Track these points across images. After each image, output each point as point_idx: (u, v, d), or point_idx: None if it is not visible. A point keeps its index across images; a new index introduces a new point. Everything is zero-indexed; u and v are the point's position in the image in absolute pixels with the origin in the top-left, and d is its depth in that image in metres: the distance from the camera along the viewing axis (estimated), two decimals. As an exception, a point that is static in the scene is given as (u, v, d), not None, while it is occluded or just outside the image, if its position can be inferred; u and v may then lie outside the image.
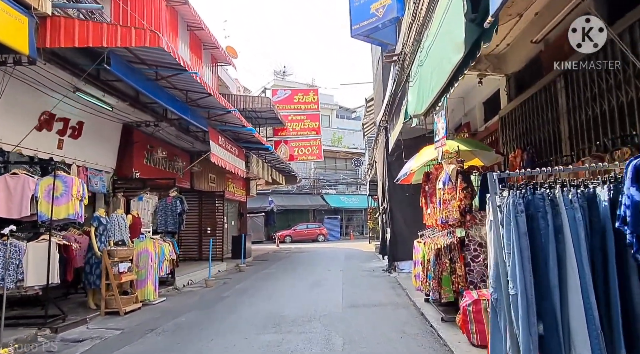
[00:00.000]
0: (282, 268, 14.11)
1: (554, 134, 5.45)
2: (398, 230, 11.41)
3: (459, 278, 5.22)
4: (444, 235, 5.76)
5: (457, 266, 5.26)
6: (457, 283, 5.23)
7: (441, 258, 5.41)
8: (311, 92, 22.63)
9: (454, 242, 5.37)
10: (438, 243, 5.51)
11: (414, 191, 10.96)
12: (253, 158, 15.00)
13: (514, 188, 2.65)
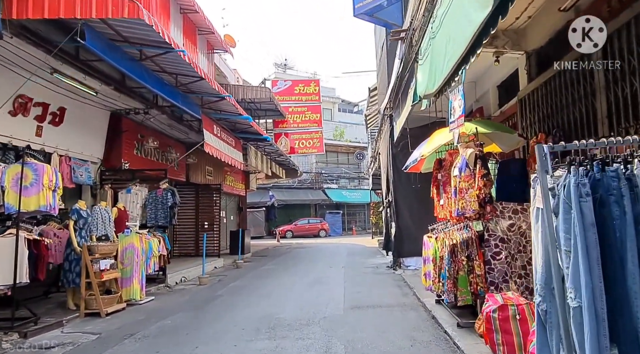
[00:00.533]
0: (281, 264, 13.48)
1: (587, 114, 4.75)
2: (403, 224, 10.73)
3: (477, 279, 4.55)
4: (459, 229, 5.08)
5: (476, 265, 4.59)
6: (475, 283, 4.56)
7: (457, 256, 4.73)
8: (312, 83, 21.90)
9: (471, 237, 4.69)
10: (453, 239, 4.84)
11: (420, 183, 10.29)
12: (251, 149, 14.32)
13: (575, 163, 1.97)
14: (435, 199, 5.90)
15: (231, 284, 9.57)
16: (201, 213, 14.73)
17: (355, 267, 11.93)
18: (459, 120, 4.51)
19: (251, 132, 12.95)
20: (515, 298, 3.82)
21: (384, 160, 12.45)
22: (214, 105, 10.38)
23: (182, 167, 13.40)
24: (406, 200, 10.78)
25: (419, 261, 10.70)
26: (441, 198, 5.53)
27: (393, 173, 10.93)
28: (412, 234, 10.63)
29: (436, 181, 5.75)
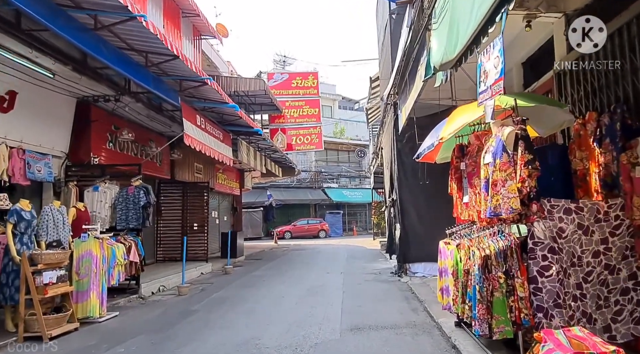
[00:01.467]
0: (274, 269, 12.25)
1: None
2: (410, 225, 9.50)
3: (520, 303, 3.33)
4: (492, 235, 3.85)
5: (518, 284, 3.36)
6: (517, 309, 3.33)
7: (491, 271, 3.50)
8: (310, 76, 20.66)
9: (510, 246, 3.46)
10: (486, 248, 3.59)
11: (429, 178, 9.05)
12: (242, 144, 13.09)
13: None
14: (455, 196, 4.68)
15: (214, 294, 8.35)
16: (189, 214, 13.49)
17: (356, 273, 10.70)
18: (494, 86, 3.28)
19: (241, 124, 11.73)
20: (588, 338, 2.58)
21: (387, 154, 11.21)
22: (196, 92, 9.16)
23: (167, 163, 12.19)
24: (413, 198, 9.54)
25: (427, 267, 9.48)
26: (464, 194, 4.30)
27: (398, 169, 9.69)
28: (419, 236, 9.41)
29: (457, 172, 4.52)
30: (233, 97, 18.34)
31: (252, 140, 14.15)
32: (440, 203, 9.72)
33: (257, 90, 17.37)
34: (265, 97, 18.25)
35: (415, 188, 9.47)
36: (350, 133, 34.35)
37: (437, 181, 9.61)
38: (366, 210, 33.54)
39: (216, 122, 11.22)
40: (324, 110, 35.05)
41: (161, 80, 8.01)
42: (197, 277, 10.90)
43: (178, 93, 8.60)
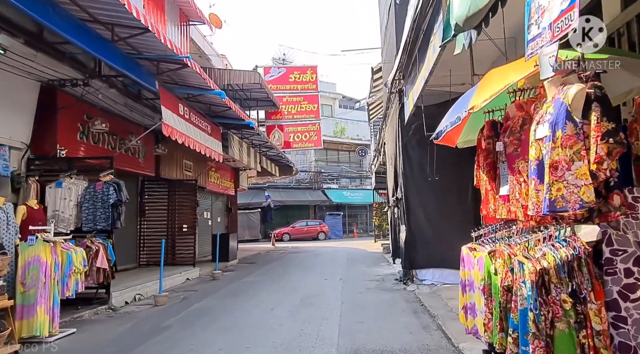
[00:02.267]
0: (268, 275, 11.18)
1: None
2: (417, 227, 8.43)
3: (596, 339, 2.26)
4: (546, 240, 2.77)
5: (591, 311, 2.29)
6: (592, 349, 2.27)
7: (550, 292, 2.43)
8: (309, 70, 19.62)
9: (579, 256, 2.39)
10: (542, 258, 2.51)
11: (439, 174, 8.00)
12: (234, 139, 12.05)
13: None
14: (485, 188, 3.61)
15: (194, 305, 7.29)
16: (177, 214, 12.42)
17: (356, 279, 9.63)
18: (558, 23, 2.22)
19: (230, 116, 10.69)
20: None
21: (391, 149, 10.15)
22: (177, 77, 8.13)
23: (151, 159, 11.14)
24: (420, 196, 8.48)
25: (436, 274, 8.40)
26: (501, 184, 3.24)
27: (403, 164, 8.64)
28: (427, 239, 8.35)
29: (488, 157, 3.46)
30: (227, 92, 17.31)
31: (245, 135, 13.11)
32: (451, 201, 8.69)
33: (252, 84, 16.34)
34: (261, 91, 17.23)
35: (423, 185, 8.42)
36: (350, 132, 33.30)
37: (448, 176, 8.58)
38: (367, 212, 32.48)
39: (204, 114, 10.19)
40: (324, 110, 34.05)
41: (133, 60, 6.96)
42: (182, 283, 9.84)
43: (155, 77, 7.56)
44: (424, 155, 8.35)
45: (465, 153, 8.66)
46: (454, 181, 8.38)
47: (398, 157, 9.04)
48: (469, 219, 8.38)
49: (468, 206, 8.34)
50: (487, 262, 3.29)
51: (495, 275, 3.13)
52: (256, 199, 28.10)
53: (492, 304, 3.18)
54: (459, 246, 7.93)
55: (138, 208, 11.23)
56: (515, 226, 3.17)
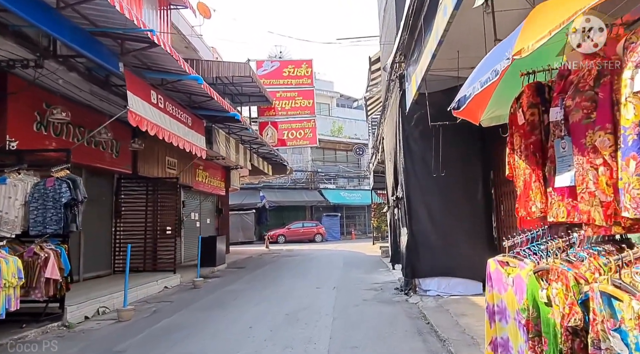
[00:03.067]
0: (255, 282, 10.13)
1: None
2: (420, 230, 7.39)
3: None
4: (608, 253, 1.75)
5: None
6: None
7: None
8: (304, 64, 18.58)
9: None
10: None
11: (446, 169, 6.97)
12: (220, 134, 11.02)
13: None
14: (525, 178, 2.56)
15: (163, 321, 6.24)
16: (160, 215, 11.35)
17: (352, 288, 8.59)
18: None
19: (213, 107, 9.66)
20: None
21: (391, 143, 9.12)
22: (146, 58, 7.09)
23: (127, 154, 10.10)
24: (423, 194, 7.44)
25: (442, 283, 7.35)
26: (556, 171, 2.19)
27: (404, 158, 7.60)
28: (432, 244, 7.32)
29: (532, 134, 2.42)
30: (216, 86, 16.28)
31: (232, 130, 12.08)
32: (459, 199, 7.63)
33: (243, 77, 15.33)
34: (252, 85, 16.21)
35: (427, 182, 7.38)
36: (348, 131, 32.29)
37: (456, 172, 7.51)
38: (365, 213, 31.45)
39: (183, 105, 9.16)
40: (321, 108, 33.06)
41: (90, 36, 5.93)
42: (158, 293, 8.78)
43: (119, 58, 6.52)
44: (427, 148, 7.33)
45: (474, 145, 7.65)
46: (461, 177, 7.36)
47: (398, 152, 8.01)
48: (480, 220, 7.38)
49: (478, 205, 7.32)
50: (531, 285, 2.25)
51: (547, 307, 2.09)
52: (250, 199, 27.06)
53: (541, 349, 2.14)
54: (468, 252, 6.88)
55: (113, 208, 10.18)
56: (578, 233, 2.13)
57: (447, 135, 7.03)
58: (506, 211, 7.08)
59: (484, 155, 7.39)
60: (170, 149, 11.48)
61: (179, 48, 14.10)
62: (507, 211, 7.02)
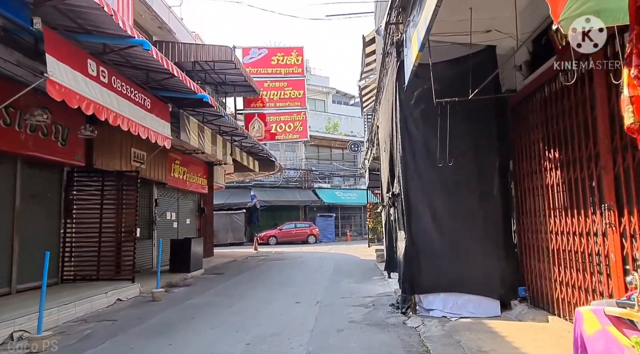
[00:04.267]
0: (227, 293, 8.62)
1: None
2: (421, 234, 5.88)
3: None
4: None
5: None
6: None
7: None
8: (294, 52, 17.05)
9: None
10: None
11: (454, 157, 5.49)
12: (190, 121, 9.50)
13: None
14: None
15: (86, 352, 4.72)
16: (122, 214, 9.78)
17: (339, 304, 7.08)
18: None
19: (178, 88, 8.17)
20: None
21: (386, 129, 7.61)
22: (74, 14, 5.56)
23: (78, 143, 8.58)
24: (425, 190, 5.94)
25: (449, 300, 5.80)
26: None
27: (402, 146, 6.09)
28: (436, 251, 5.82)
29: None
30: (197, 73, 14.78)
31: (208, 119, 10.57)
32: (471, 197, 6.04)
33: (226, 63, 13.85)
34: (236, 73, 14.73)
35: (430, 175, 5.89)
36: (344, 128, 30.81)
37: (466, 162, 5.90)
38: (361, 213, 29.96)
39: (140, 84, 7.65)
40: (316, 104, 31.62)
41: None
42: (106, 308, 7.26)
43: (30, 9, 5.00)
44: (431, 132, 5.85)
45: (490, 127, 6.14)
46: (473, 168, 5.87)
47: (395, 138, 6.50)
48: (496, 222, 5.83)
49: (494, 203, 5.82)
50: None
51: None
52: (241, 199, 25.57)
53: None
54: (481, 261, 5.24)
55: (62, 206, 8.65)
56: None
57: (456, 115, 5.56)
58: (529, 212, 5.59)
59: (502, 141, 5.91)
60: (138, 140, 9.96)
61: (151, 28, 12.60)
62: (531, 212, 5.54)
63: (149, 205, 12.30)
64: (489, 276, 5.62)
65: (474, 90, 5.04)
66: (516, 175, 5.87)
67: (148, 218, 12.25)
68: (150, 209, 12.36)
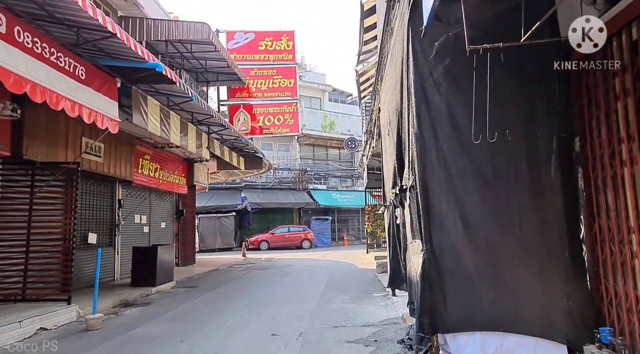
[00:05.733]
0: (188, 317, 6.72)
1: None
2: (446, 244, 3.98)
3: None
4: None
5: None
6: None
7: None
8: (284, 37, 15.19)
9: None
10: None
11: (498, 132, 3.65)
12: (148, 102, 7.63)
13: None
14: None
15: None
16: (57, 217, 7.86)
17: (328, 338, 5.19)
18: None
19: (123, 54, 6.30)
20: None
21: (392, 104, 5.71)
22: None
23: (2, 127, 6.70)
24: (453, 182, 4.04)
25: (490, 344, 3.79)
26: None
27: (419, 119, 4.17)
28: (469, 271, 3.96)
29: None
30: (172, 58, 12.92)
31: (175, 102, 8.73)
32: (519, 191, 4.21)
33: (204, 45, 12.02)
34: (217, 57, 12.88)
35: (459, 160, 4.03)
36: (341, 127, 28.98)
37: (514, 141, 4.05)
38: (359, 216, 28.09)
39: (65, 45, 5.79)
40: (312, 102, 29.84)
41: None
42: (20, 341, 5.35)
43: None
44: (458, 99, 4.03)
45: (547, 92, 3.92)
46: (523, 149, 4.01)
47: (406, 111, 4.63)
48: (556, 227, 3.88)
49: (553, 200, 3.95)
50: None
51: None
52: (230, 201, 23.67)
53: None
54: (537, 286, 3.16)
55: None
56: None
57: (497, 73, 3.76)
58: (609, 212, 3.73)
59: (565, 110, 4.04)
60: (94, 129, 8.10)
61: (115, 0, 10.74)
62: (612, 212, 3.67)
63: (110, 206, 10.41)
64: (549, 309, 3.75)
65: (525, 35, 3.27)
66: (586, 159, 4.00)
67: (109, 221, 10.35)
68: (112, 211, 10.46)
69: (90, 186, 9.56)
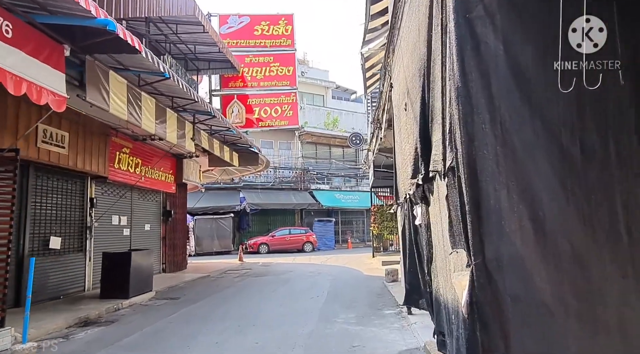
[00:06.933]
0: (155, 341, 5.31)
1: None
2: (508, 258, 2.54)
3: None
4: None
5: None
6: None
7: None
8: (282, 20, 13.80)
9: None
10: None
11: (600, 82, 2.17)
12: (110, 78, 6.24)
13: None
14: None
15: None
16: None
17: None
18: None
19: (66, 9, 4.93)
20: None
21: (411, 67, 4.26)
22: None
23: None
24: (518, 163, 2.60)
25: None
26: None
27: (463, 67, 2.74)
28: (547, 301, 2.44)
29: None
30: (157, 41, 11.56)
31: (147, 81, 7.36)
32: (627, 179, 2.81)
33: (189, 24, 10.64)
34: (207, 40, 11.51)
35: (526, 128, 2.57)
36: (345, 125, 27.57)
37: (613, 91, 2.67)
38: (364, 218, 26.63)
39: None
40: (315, 99, 28.48)
41: None
42: None
43: None
44: (526, 33, 2.60)
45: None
46: (630, 111, 2.54)
47: (440, 64, 3.20)
48: None
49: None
50: None
51: None
52: (228, 201, 22.32)
53: None
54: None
55: None
56: None
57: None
58: None
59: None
60: (55, 115, 6.75)
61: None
62: None
63: (81, 206, 9.04)
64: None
65: None
66: None
67: (79, 223, 8.98)
68: (83, 211, 9.09)
69: (53, 183, 8.20)
